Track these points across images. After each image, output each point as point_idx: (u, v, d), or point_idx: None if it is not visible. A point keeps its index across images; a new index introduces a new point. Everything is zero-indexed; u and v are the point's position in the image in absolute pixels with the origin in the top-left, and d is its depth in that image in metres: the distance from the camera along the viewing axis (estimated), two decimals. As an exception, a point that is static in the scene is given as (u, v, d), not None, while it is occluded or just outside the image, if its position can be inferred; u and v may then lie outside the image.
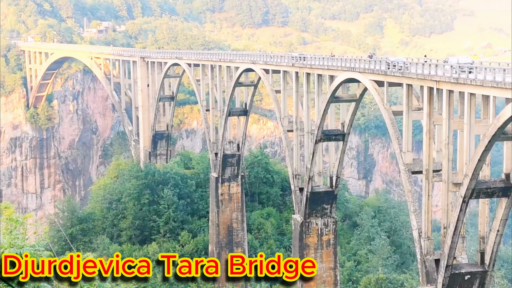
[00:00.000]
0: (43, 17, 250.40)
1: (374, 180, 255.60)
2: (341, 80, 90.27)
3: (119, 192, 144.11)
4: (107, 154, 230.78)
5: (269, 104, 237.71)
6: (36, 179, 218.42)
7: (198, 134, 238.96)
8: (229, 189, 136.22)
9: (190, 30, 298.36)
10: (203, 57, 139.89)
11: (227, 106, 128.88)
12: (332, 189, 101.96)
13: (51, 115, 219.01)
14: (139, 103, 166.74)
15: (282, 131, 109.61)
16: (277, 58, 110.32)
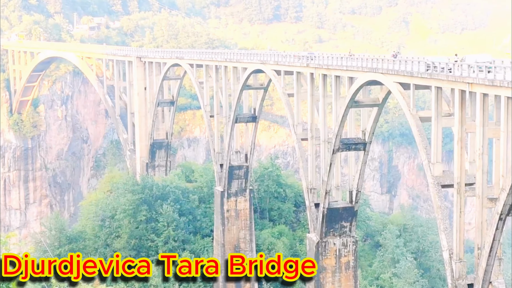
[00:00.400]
0: (28, 13, 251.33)
1: (399, 194, 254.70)
2: (362, 82, 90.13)
3: (112, 208, 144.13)
4: (100, 165, 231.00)
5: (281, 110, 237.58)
6: (20, 193, 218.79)
7: (201, 143, 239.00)
8: (236, 204, 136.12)
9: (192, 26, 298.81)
10: (206, 57, 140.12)
11: (234, 112, 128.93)
12: (351, 204, 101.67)
13: (37, 122, 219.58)
14: (135, 109, 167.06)
15: (296, 140, 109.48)
16: (290, 58, 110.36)
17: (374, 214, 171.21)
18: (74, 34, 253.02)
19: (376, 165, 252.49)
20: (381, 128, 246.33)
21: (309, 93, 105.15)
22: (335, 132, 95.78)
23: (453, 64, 72.74)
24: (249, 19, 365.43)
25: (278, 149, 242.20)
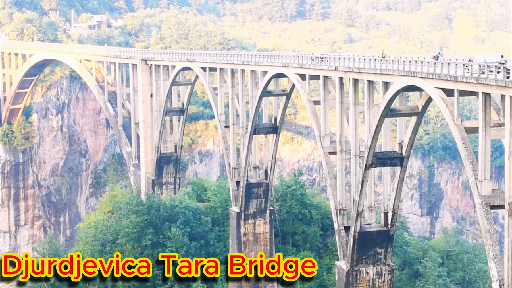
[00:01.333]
0: (20, 10, 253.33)
1: (442, 216, 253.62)
2: (399, 88, 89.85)
3: (114, 231, 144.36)
4: (99, 182, 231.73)
5: (306, 119, 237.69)
6: (9, 214, 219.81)
7: (214, 157, 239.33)
8: (254, 227, 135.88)
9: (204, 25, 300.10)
10: (221, 59, 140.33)
11: (252, 122, 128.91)
12: (387, 228, 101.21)
13: (29, 134, 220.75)
14: (140, 118, 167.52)
15: (323, 153, 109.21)
16: (316, 60, 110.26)
17: (413, 239, 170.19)
18: (72, 34, 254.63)
19: (415, 183, 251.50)
20: (421, 140, 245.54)
21: (338, 100, 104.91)
22: (368, 145, 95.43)
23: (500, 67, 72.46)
24: (270, 17, 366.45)
25: (302, 164, 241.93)
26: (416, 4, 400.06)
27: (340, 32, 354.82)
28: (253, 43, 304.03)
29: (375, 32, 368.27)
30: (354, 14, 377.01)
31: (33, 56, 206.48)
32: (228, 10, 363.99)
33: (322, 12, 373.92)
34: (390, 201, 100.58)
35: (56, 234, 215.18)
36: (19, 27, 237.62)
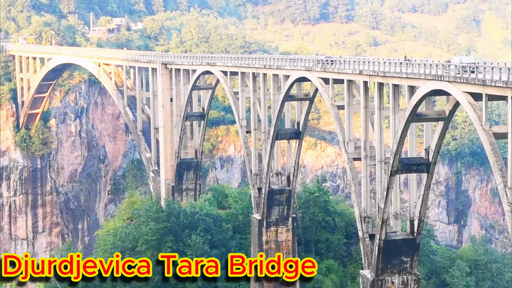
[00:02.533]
0: (38, 13, 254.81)
1: (470, 224, 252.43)
2: (425, 92, 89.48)
3: (133, 238, 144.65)
4: (118, 188, 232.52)
5: (329, 124, 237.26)
6: (27, 220, 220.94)
7: (236, 163, 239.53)
8: (276, 235, 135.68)
9: (225, 28, 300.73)
10: (242, 63, 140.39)
11: (274, 127, 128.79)
12: (413, 236, 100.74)
13: (47, 139, 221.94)
14: (160, 123, 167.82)
15: (347, 159, 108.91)
16: (340, 64, 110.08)
17: (440, 248, 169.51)
18: (90, 38, 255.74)
19: (441, 190, 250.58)
20: (448, 146, 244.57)
21: (362, 105, 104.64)
22: (393, 150, 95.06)
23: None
24: (292, 19, 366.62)
25: (326, 170, 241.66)
26: (443, 6, 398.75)
27: (365, 35, 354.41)
28: (275, 47, 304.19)
29: (401, 35, 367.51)
30: (379, 17, 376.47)
31: (52, 60, 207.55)
32: (250, 13, 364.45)
33: (346, 14, 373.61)
34: (416, 208, 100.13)
35: (74, 241, 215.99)
36: (37, 30, 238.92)
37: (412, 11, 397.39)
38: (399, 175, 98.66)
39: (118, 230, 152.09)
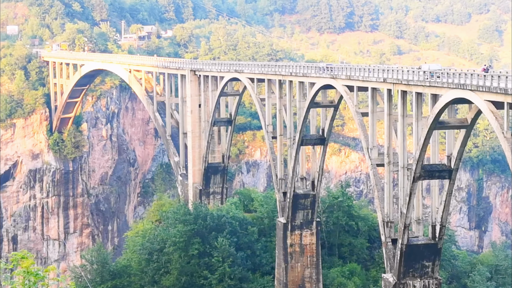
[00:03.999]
0: (71, 20, 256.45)
1: (490, 230, 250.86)
2: (448, 100, 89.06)
3: (161, 240, 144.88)
4: (147, 191, 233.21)
5: (353, 131, 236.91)
6: (59, 221, 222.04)
7: (261, 168, 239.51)
8: (300, 238, 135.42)
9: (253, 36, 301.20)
10: (269, 70, 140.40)
11: (300, 133, 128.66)
12: (434, 241, 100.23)
13: (79, 142, 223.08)
14: (188, 128, 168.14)
15: (370, 165, 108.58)
16: (364, 72, 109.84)
17: (461, 253, 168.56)
18: (122, 45, 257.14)
19: (463, 196, 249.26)
20: (470, 153, 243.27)
21: (386, 112, 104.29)
22: (416, 157, 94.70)
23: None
24: (318, 28, 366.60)
25: (349, 175, 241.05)
26: (466, 16, 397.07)
27: (389, 44, 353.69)
28: (301, 55, 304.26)
29: (424, 44, 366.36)
30: (403, 26, 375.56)
31: (84, 66, 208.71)
32: (277, 22, 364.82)
33: (370, 23, 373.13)
34: (438, 213, 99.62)
35: (104, 242, 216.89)
36: (71, 37, 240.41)
37: (435, 21, 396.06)
38: (422, 181, 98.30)
39: (146, 231, 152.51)
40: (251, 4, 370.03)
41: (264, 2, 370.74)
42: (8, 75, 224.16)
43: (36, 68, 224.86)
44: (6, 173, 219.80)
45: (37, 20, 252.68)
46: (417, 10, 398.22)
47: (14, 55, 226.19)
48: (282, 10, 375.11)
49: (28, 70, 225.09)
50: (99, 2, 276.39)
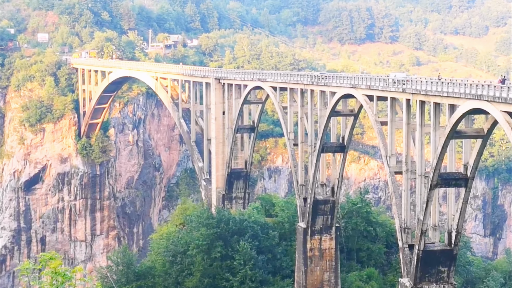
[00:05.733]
0: (100, 29, 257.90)
1: (505, 237, 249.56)
2: (465, 110, 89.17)
3: (185, 242, 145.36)
4: (172, 195, 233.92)
5: (373, 139, 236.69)
6: (86, 223, 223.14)
7: (283, 174, 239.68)
8: (320, 243, 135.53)
9: (276, 46, 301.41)
10: (291, 80, 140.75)
11: (320, 141, 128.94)
12: (450, 247, 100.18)
13: (106, 147, 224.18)
14: (212, 135, 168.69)
15: (388, 173, 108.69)
16: (384, 82, 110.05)
17: (476, 259, 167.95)
18: (149, 53, 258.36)
19: (478, 204, 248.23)
20: (485, 162, 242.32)
21: (404, 121, 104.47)
22: (433, 165, 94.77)
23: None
24: (339, 39, 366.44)
25: (368, 182, 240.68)
26: (484, 29, 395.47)
27: (408, 55, 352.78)
28: (323, 64, 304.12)
29: (443, 56, 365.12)
30: (422, 38, 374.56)
31: (112, 74, 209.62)
32: (299, 32, 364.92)
33: (390, 35, 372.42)
34: (454, 221, 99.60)
35: (129, 244, 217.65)
36: (99, 45, 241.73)
37: (454, 33, 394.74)
38: (438, 188, 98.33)
39: (171, 234, 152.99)
40: (274, 15, 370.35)
41: (287, 13, 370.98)
42: (39, 81, 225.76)
43: (66, 75, 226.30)
44: (35, 176, 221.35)
45: (67, 28, 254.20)
46: (436, 23, 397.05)
47: (45, 62, 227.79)
48: (305, 21, 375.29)
49: (57, 77, 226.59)
50: (127, 12, 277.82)
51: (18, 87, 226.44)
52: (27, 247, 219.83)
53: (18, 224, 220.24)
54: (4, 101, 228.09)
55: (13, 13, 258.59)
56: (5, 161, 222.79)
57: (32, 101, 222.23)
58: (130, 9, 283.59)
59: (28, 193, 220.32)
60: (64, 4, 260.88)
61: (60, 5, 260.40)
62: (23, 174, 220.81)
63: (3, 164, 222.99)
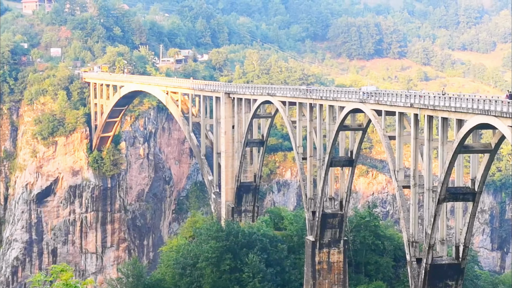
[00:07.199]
0: (112, 44, 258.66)
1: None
2: (472, 125, 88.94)
3: (194, 255, 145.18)
4: (182, 208, 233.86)
5: (381, 153, 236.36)
6: (97, 236, 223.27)
7: (292, 187, 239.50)
8: (328, 256, 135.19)
9: (285, 61, 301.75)
10: (300, 94, 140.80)
11: (329, 155, 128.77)
12: (458, 261, 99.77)
13: (117, 160, 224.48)
14: (222, 148, 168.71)
15: (396, 187, 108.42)
16: (392, 97, 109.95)
17: (483, 273, 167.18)
18: (160, 67, 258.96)
19: (486, 218, 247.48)
20: (493, 177, 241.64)
21: (412, 136, 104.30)
22: (441, 180, 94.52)
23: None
24: (348, 54, 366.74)
25: (376, 196, 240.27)
26: (491, 45, 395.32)
27: (416, 71, 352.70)
28: (332, 79, 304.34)
29: (450, 71, 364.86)
30: (430, 53, 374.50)
31: (123, 88, 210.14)
32: (308, 48, 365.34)
33: (399, 50, 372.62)
34: (462, 235, 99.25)
35: (140, 256, 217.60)
36: (111, 60, 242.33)
37: (461, 49, 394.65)
38: (446, 203, 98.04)
39: (180, 247, 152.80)
40: (284, 30, 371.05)
41: (297, 29, 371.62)
42: (51, 95, 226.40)
43: (78, 89, 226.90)
44: (47, 188, 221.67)
45: (80, 43, 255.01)
46: (444, 39, 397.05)
47: (57, 76, 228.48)
48: (314, 36, 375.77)
49: (70, 91, 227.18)
50: (139, 27, 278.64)
51: (31, 101, 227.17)
52: (39, 259, 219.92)
53: (30, 236, 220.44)
54: (17, 114, 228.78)
55: (26, 28, 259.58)
56: (18, 173, 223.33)
57: (45, 114, 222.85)
58: (142, 24, 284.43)
59: (40, 205, 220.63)
60: (77, 19, 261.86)
61: (73, 20, 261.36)
62: (35, 186, 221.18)
63: (16, 177, 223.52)
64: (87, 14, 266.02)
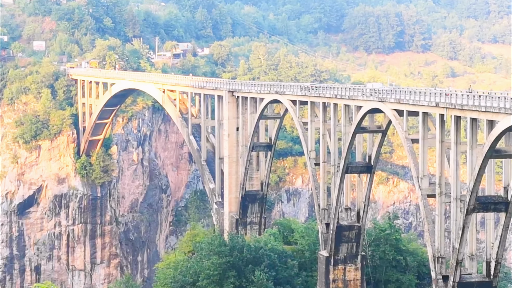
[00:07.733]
0: (102, 36, 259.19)
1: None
2: (505, 127, 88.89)
3: (194, 272, 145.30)
4: (180, 220, 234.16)
5: (402, 158, 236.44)
6: (85, 251, 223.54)
7: (303, 197, 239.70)
8: (344, 273, 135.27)
9: (296, 55, 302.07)
10: (312, 92, 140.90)
11: (344, 160, 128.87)
12: (489, 278, 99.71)
13: (108, 167, 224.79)
14: (225, 153, 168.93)
15: (420, 196, 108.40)
16: (415, 95, 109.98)
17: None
18: (155, 63, 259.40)
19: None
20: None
21: (438, 139, 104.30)
22: (470, 188, 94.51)
23: None
24: (366, 47, 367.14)
25: (398, 206, 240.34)
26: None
27: (442, 66, 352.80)
28: (347, 76, 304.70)
29: (480, 66, 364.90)
30: (458, 46, 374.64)
31: (115, 85, 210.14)
32: (321, 40, 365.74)
33: (422, 43, 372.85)
34: (493, 249, 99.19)
35: (133, 273, 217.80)
36: (101, 54, 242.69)
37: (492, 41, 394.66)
38: (476, 213, 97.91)
39: (179, 263, 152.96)
40: (294, 21, 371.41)
41: (308, 19, 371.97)
42: (34, 93, 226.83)
43: (64, 87, 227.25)
44: (30, 198, 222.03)
45: (66, 35, 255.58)
46: (473, 30, 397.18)
47: (41, 73, 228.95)
48: (328, 28, 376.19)
49: (55, 89, 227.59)
50: (132, 17, 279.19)
51: (11, 100, 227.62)
52: (20, 277, 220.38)
53: (11, 251, 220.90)
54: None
55: (6, 19, 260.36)
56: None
57: (27, 115, 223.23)
58: (135, 14, 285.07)
59: (21, 216, 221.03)
60: (62, 9, 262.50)
61: (58, 10, 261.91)
62: (16, 195, 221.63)
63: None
64: (74, 3, 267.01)
